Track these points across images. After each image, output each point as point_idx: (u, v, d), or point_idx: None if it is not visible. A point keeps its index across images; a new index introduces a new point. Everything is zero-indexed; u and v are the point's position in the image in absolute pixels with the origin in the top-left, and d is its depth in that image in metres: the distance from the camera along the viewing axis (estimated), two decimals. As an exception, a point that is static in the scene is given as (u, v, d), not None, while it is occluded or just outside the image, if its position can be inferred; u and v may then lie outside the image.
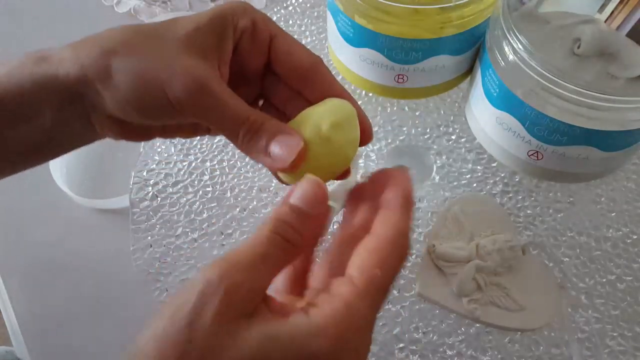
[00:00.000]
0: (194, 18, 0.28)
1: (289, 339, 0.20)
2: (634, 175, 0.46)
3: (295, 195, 0.24)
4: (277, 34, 0.29)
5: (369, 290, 0.22)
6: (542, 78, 0.35)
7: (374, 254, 0.23)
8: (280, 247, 0.23)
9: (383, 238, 0.24)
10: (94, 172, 0.51)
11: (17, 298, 0.45)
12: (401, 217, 0.25)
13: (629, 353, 0.38)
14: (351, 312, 0.21)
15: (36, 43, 0.59)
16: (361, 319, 0.22)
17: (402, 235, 0.25)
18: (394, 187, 0.26)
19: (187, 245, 0.43)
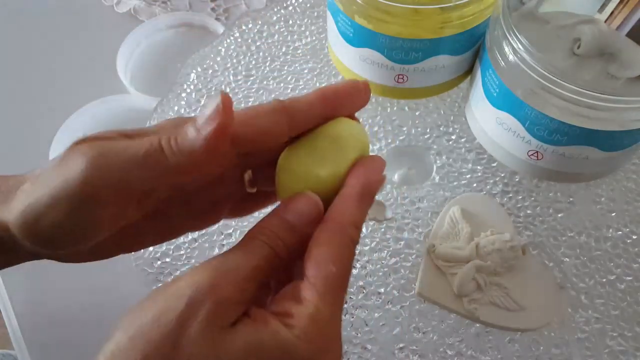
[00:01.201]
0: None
1: (273, 346, 0.21)
2: (634, 175, 0.46)
3: (293, 211, 0.24)
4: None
5: (327, 290, 0.22)
6: (542, 78, 0.35)
7: (326, 247, 0.23)
8: (270, 261, 0.23)
9: (333, 229, 0.24)
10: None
11: (17, 298, 0.45)
12: (354, 206, 0.24)
13: (629, 353, 0.38)
14: (318, 317, 0.22)
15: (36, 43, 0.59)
16: (327, 319, 0.22)
17: (352, 225, 0.24)
18: (357, 173, 0.25)
19: (187, 245, 0.43)
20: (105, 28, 0.60)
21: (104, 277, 0.45)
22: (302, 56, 0.52)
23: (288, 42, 0.54)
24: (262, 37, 0.54)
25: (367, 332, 0.39)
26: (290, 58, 0.52)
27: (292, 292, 0.23)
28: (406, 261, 0.41)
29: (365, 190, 0.25)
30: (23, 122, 0.54)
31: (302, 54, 0.53)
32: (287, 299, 0.23)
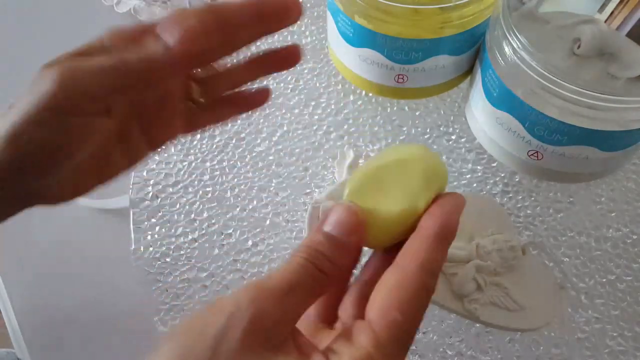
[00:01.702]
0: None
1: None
2: (634, 175, 0.46)
3: (330, 222, 0.23)
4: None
5: (389, 338, 0.21)
6: (542, 78, 0.35)
7: (394, 292, 0.21)
8: (313, 276, 0.22)
9: (404, 273, 0.22)
10: (94, 172, 0.51)
11: (17, 298, 0.45)
12: (430, 248, 0.22)
13: (629, 353, 0.38)
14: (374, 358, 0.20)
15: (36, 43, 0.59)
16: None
17: (426, 271, 0.22)
18: (434, 212, 0.23)
19: (187, 245, 0.43)
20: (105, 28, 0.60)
21: (103, 277, 0.45)
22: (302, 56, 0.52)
23: (288, 42, 0.54)
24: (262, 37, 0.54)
25: (367, 332, 0.39)
26: (290, 58, 0.52)
27: (348, 330, 0.21)
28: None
29: (444, 231, 0.23)
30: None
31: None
32: (341, 335, 0.21)
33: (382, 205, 0.23)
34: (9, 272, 0.46)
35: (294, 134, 0.48)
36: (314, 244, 0.22)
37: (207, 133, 0.48)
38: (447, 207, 0.24)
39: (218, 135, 0.48)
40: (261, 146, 0.47)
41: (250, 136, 0.48)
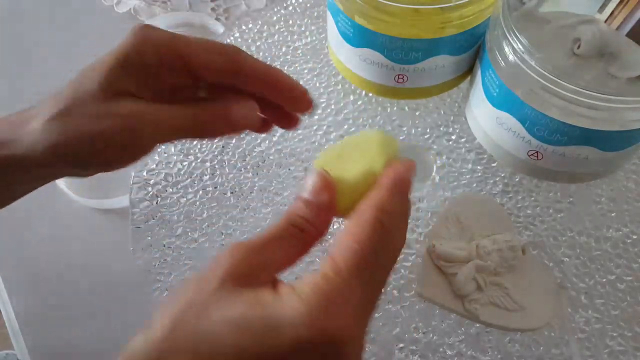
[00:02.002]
0: (103, 65, 0.29)
1: (271, 301, 0.21)
2: (634, 175, 0.46)
3: (305, 189, 0.26)
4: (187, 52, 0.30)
5: (346, 264, 0.22)
6: (542, 78, 0.35)
7: (351, 228, 0.24)
8: (290, 233, 0.24)
9: (359, 213, 0.24)
10: (94, 172, 0.51)
11: (17, 298, 0.45)
12: (385, 195, 0.25)
13: (629, 353, 0.38)
14: (326, 288, 0.21)
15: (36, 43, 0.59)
16: (338, 293, 0.21)
17: (384, 212, 0.24)
18: (386, 171, 0.26)
19: (187, 245, 0.43)
20: (105, 28, 0.60)
21: (104, 277, 0.45)
22: (302, 56, 0.52)
23: (288, 42, 0.54)
24: (262, 37, 0.54)
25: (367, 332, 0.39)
26: (290, 58, 0.52)
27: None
28: (406, 261, 0.41)
29: (397, 181, 0.25)
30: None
31: (302, 54, 0.53)
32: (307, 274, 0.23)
33: (345, 172, 0.26)
34: (9, 272, 0.46)
35: (294, 134, 0.48)
36: (292, 209, 0.25)
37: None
38: (398, 165, 0.26)
39: (218, 135, 0.48)
40: (261, 146, 0.47)
41: (250, 136, 0.48)
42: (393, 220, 0.24)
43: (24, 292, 0.45)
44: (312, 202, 0.25)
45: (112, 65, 0.29)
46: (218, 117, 0.30)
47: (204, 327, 0.21)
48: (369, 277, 0.23)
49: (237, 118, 0.31)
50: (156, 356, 0.20)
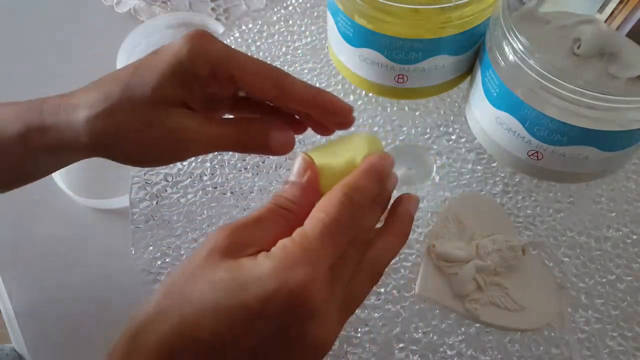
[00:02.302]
0: (155, 71, 0.29)
1: (247, 265, 0.23)
2: (634, 175, 0.46)
3: (291, 173, 0.28)
4: (238, 72, 0.30)
5: (313, 231, 0.24)
6: (542, 78, 0.35)
7: (321, 201, 0.25)
8: (275, 212, 0.26)
9: (331, 192, 0.26)
10: (94, 172, 0.51)
11: (17, 297, 0.45)
12: (356, 175, 0.26)
13: (629, 353, 0.38)
14: (294, 244, 0.24)
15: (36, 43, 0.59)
16: (304, 253, 0.23)
17: (352, 188, 0.26)
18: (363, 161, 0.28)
19: (187, 245, 0.43)
20: (105, 28, 0.60)
21: (103, 277, 0.45)
22: (302, 56, 0.52)
23: (288, 42, 0.54)
24: (262, 37, 0.54)
25: (367, 332, 0.39)
26: (290, 58, 0.52)
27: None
28: (406, 261, 0.41)
29: (372, 167, 0.27)
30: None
31: (302, 54, 0.53)
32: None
33: (329, 161, 0.29)
34: (8, 272, 0.46)
35: (294, 134, 0.48)
36: (279, 192, 0.27)
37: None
38: (374, 156, 0.28)
39: (218, 135, 0.48)
40: (261, 146, 0.47)
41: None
42: (363, 198, 0.26)
43: (23, 291, 0.45)
44: (296, 183, 0.27)
45: (165, 73, 0.29)
46: (257, 141, 0.31)
47: (189, 290, 0.23)
48: (335, 248, 0.24)
49: (275, 145, 0.31)
50: (150, 319, 0.23)
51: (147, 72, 0.29)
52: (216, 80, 0.30)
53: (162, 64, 0.29)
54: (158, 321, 0.23)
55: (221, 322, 0.22)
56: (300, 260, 0.23)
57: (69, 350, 0.43)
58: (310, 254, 0.23)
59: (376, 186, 0.27)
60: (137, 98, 0.29)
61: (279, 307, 0.22)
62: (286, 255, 0.23)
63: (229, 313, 0.22)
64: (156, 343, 0.23)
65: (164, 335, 0.23)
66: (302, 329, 0.23)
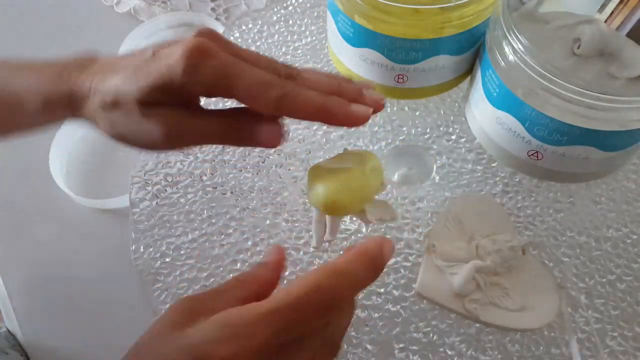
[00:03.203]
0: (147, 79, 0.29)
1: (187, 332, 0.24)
2: (634, 175, 0.46)
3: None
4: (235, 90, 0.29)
5: (263, 304, 0.24)
6: (542, 78, 0.35)
7: (297, 280, 0.25)
8: (236, 284, 0.28)
9: (311, 272, 0.26)
10: (94, 172, 0.51)
11: (17, 298, 0.45)
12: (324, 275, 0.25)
13: (629, 353, 0.38)
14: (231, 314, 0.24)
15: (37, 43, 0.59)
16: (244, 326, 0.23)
17: (328, 274, 0.25)
18: (370, 241, 0.28)
19: (187, 245, 0.43)
20: (105, 28, 0.60)
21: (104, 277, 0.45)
22: (302, 56, 0.52)
23: (288, 42, 0.54)
24: (262, 37, 0.54)
25: (367, 332, 0.39)
26: (290, 58, 0.52)
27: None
28: (406, 261, 0.41)
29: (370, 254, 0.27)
30: (23, 122, 0.54)
31: (302, 54, 0.53)
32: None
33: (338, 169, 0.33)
34: (9, 272, 0.46)
35: (294, 134, 0.48)
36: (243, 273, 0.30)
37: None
38: (382, 242, 0.28)
39: (218, 135, 0.48)
40: (261, 146, 0.47)
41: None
42: (341, 283, 0.25)
43: (23, 292, 0.45)
44: (262, 263, 0.30)
45: (153, 85, 0.28)
46: (247, 133, 0.31)
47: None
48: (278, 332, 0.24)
49: (264, 138, 0.31)
50: None
51: (138, 77, 0.29)
52: (210, 94, 0.30)
53: (155, 73, 0.28)
54: None
55: None
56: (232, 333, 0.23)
57: (69, 350, 0.43)
58: (245, 330, 0.23)
59: (367, 274, 0.27)
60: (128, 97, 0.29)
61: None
62: (223, 323, 0.23)
63: None
64: None
65: None
66: None
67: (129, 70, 0.29)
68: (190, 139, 0.31)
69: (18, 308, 0.44)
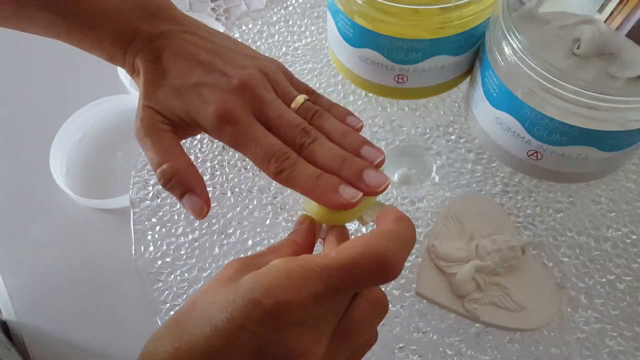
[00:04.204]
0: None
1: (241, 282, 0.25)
2: (633, 175, 0.46)
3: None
4: (244, 152, 0.33)
5: (312, 260, 0.24)
6: (542, 78, 0.35)
7: (341, 246, 0.26)
8: (287, 245, 0.31)
9: (358, 239, 0.25)
10: (94, 172, 0.51)
11: (17, 298, 0.45)
12: (378, 237, 0.25)
13: (628, 353, 0.38)
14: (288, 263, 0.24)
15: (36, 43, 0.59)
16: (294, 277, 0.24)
17: (370, 250, 0.25)
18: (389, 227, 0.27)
19: (187, 245, 0.43)
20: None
21: (103, 277, 0.45)
22: (302, 56, 0.52)
23: (288, 42, 0.54)
24: (262, 37, 0.54)
25: (367, 332, 0.39)
26: (290, 58, 0.52)
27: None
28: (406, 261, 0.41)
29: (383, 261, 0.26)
30: (23, 122, 0.54)
31: (302, 54, 0.53)
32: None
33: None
34: (9, 272, 0.46)
35: (294, 134, 0.48)
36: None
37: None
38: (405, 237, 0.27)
39: (218, 135, 0.48)
40: (261, 146, 0.47)
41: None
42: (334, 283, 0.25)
43: (24, 292, 0.45)
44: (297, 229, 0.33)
45: (179, 117, 0.34)
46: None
47: (191, 313, 0.25)
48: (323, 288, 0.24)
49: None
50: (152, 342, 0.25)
51: (178, 102, 0.34)
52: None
53: (188, 110, 0.34)
54: (159, 346, 0.24)
55: (214, 336, 0.23)
56: (285, 280, 0.24)
57: (69, 350, 0.43)
58: (298, 281, 0.24)
59: (412, 234, 0.27)
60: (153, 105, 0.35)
61: (259, 318, 0.23)
62: (277, 269, 0.24)
63: (219, 327, 0.23)
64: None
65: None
66: (281, 343, 0.23)
67: (174, 85, 0.34)
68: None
69: (18, 308, 0.44)
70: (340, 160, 0.32)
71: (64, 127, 0.52)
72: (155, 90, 0.34)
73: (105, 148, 0.51)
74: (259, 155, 0.32)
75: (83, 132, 0.52)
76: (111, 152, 0.51)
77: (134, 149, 0.48)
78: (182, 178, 0.33)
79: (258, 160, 0.32)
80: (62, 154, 0.51)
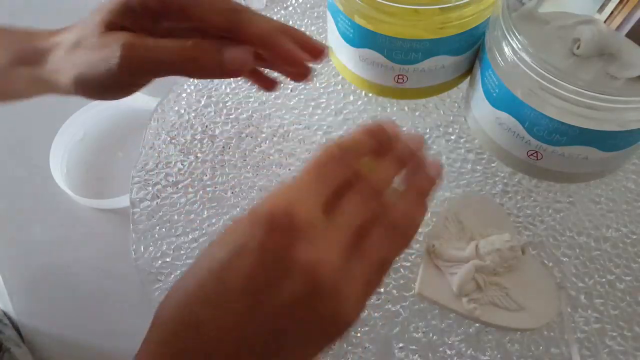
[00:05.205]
0: (105, 7, 0.32)
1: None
2: (633, 175, 0.46)
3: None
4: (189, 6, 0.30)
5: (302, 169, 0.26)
6: (542, 78, 0.35)
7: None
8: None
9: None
10: (94, 172, 0.51)
11: (17, 298, 0.45)
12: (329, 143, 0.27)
13: (628, 353, 0.38)
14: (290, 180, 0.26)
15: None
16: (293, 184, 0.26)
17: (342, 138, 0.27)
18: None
19: (187, 245, 0.43)
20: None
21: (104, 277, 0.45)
22: (302, 56, 0.52)
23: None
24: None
25: (367, 331, 0.39)
26: (290, 58, 0.52)
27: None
28: (406, 261, 0.42)
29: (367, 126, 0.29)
30: (23, 122, 0.54)
31: (302, 54, 0.53)
32: None
33: None
34: (9, 272, 0.46)
35: (294, 134, 0.48)
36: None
37: (207, 133, 0.48)
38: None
39: (218, 135, 0.48)
40: (261, 146, 0.47)
41: (250, 136, 0.48)
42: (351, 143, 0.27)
43: (24, 292, 0.45)
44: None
45: (112, 9, 0.31)
46: (209, 56, 0.30)
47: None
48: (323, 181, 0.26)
49: (229, 60, 0.30)
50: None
51: (98, 10, 0.32)
52: (168, 14, 0.31)
53: (112, 1, 0.31)
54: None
55: (221, 251, 0.25)
56: (287, 188, 0.26)
57: (70, 349, 0.43)
58: (296, 185, 0.26)
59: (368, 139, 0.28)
60: (89, 30, 0.32)
61: (263, 223, 0.24)
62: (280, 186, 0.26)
63: (227, 241, 0.25)
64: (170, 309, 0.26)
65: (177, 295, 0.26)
66: (290, 249, 0.23)
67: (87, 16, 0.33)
68: (150, 65, 0.30)
69: (18, 308, 0.44)
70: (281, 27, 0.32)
71: (64, 127, 0.52)
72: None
73: (105, 148, 0.51)
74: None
75: (83, 132, 0.52)
76: (111, 152, 0.51)
77: (134, 149, 0.48)
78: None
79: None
80: (62, 154, 0.51)
